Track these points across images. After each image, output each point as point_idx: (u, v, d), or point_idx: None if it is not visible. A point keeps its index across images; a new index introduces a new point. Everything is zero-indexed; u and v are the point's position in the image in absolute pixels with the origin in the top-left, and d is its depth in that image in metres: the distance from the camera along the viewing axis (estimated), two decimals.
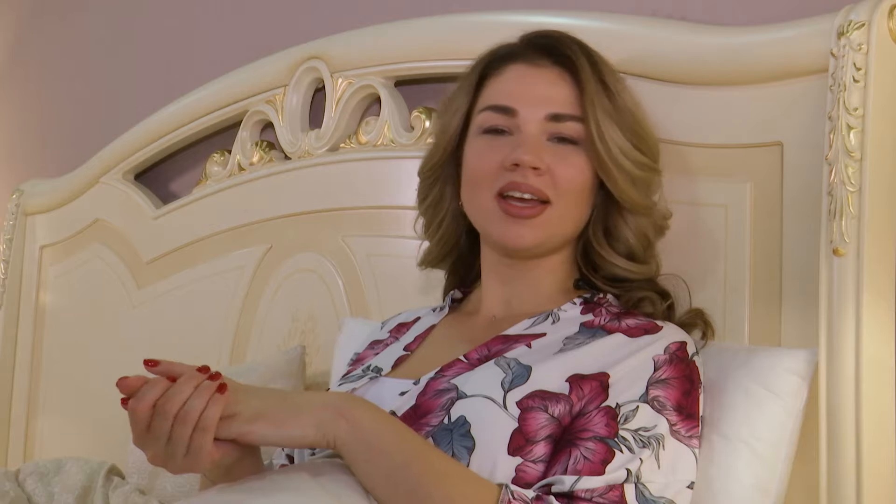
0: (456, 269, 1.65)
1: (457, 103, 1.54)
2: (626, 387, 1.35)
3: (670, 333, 1.43)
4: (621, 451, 1.31)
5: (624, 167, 1.47)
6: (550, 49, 1.51)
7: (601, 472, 1.29)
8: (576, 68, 1.48)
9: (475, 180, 1.49)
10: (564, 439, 1.32)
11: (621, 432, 1.32)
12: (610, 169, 1.47)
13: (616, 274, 1.50)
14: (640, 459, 1.31)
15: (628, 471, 1.30)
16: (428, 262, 1.65)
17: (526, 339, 1.44)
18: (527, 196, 1.45)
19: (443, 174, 1.57)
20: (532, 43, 1.53)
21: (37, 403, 2.77)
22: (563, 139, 1.48)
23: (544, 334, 1.44)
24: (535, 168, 1.45)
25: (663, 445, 1.34)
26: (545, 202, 1.46)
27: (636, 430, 1.33)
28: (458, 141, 1.54)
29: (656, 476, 1.33)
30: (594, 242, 1.51)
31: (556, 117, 1.47)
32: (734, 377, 1.46)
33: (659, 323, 1.45)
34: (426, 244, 1.64)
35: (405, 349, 1.54)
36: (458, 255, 1.63)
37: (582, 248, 1.53)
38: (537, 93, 1.48)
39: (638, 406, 1.34)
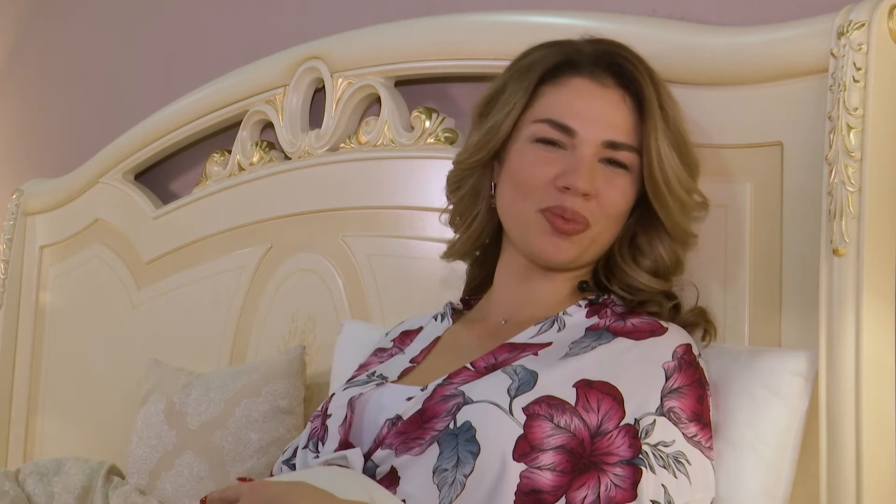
0: (480, 262, 1.64)
1: (509, 104, 1.50)
2: (641, 400, 1.36)
3: (676, 336, 1.44)
4: (647, 468, 1.33)
5: (679, 196, 1.48)
6: (617, 69, 1.49)
7: (635, 497, 1.31)
8: (643, 95, 1.47)
9: (522, 190, 1.48)
10: (588, 460, 1.32)
11: (643, 447, 1.34)
12: (666, 199, 1.47)
13: (634, 286, 1.50)
14: (663, 485, 1.32)
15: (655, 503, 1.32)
16: (456, 254, 1.64)
17: (532, 348, 1.44)
18: (569, 218, 1.45)
19: (481, 169, 1.55)
20: (598, 58, 1.50)
21: (37, 403, 2.77)
22: (614, 162, 1.47)
23: (550, 343, 1.44)
24: (585, 194, 1.44)
25: (689, 460, 1.35)
26: (588, 224, 1.46)
27: (655, 446, 1.34)
28: (505, 141, 1.52)
29: (693, 495, 1.36)
30: (618, 257, 1.51)
31: (613, 145, 1.47)
32: (738, 380, 1.46)
33: (664, 324, 1.45)
34: (450, 236, 1.63)
35: (411, 362, 1.54)
36: (484, 249, 1.62)
37: (604, 259, 1.53)
38: (599, 116, 1.47)
39: (655, 420, 1.35)
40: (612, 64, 1.49)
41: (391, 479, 1.35)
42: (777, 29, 1.57)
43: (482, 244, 1.61)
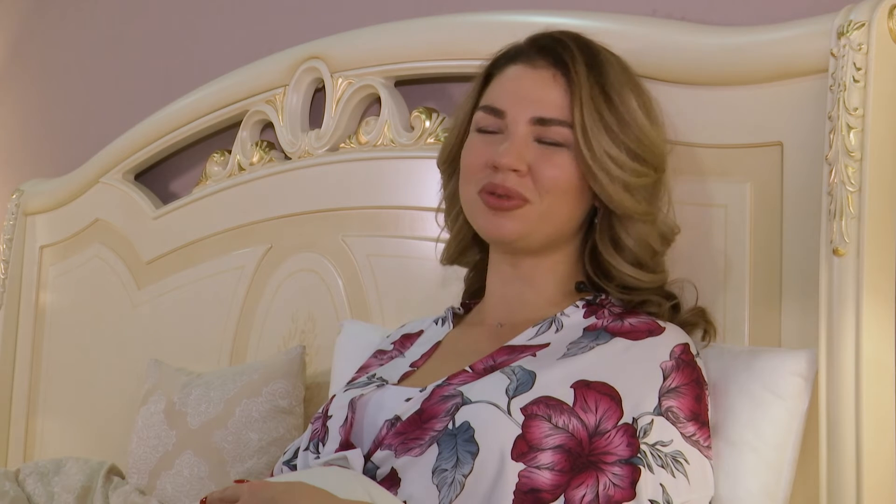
0: (479, 267, 1.64)
1: (465, 100, 1.57)
2: (638, 399, 1.36)
3: (673, 335, 1.44)
4: (645, 467, 1.33)
5: (612, 173, 1.45)
6: (550, 50, 1.50)
7: (633, 496, 1.31)
8: (568, 71, 1.48)
9: (464, 176, 1.52)
10: (587, 459, 1.33)
11: (642, 447, 1.34)
12: (595, 174, 1.46)
13: (627, 283, 1.50)
14: (661, 485, 1.32)
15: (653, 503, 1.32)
16: (447, 256, 1.65)
17: (531, 349, 1.44)
18: (503, 196, 1.46)
19: (454, 169, 1.58)
20: (535, 43, 1.53)
21: (37, 403, 2.77)
22: (549, 140, 1.48)
23: (548, 344, 1.44)
24: (515, 170, 1.45)
25: (687, 460, 1.36)
26: (525, 200, 1.46)
27: (653, 445, 1.34)
28: (463, 139, 1.55)
29: (691, 494, 1.36)
30: (602, 250, 1.50)
31: (541, 121, 1.47)
32: (737, 380, 1.46)
33: (661, 323, 1.45)
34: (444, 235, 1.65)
35: (411, 366, 1.54)
36: (479, 252, 1.62)
37: (589, 253, 1.53)
38: (527, 95, 1.48)
39: (653, 420, 1.36)
40: (544, 46, 1.51)
41: (392, 481, 1.35)
42: (777, 29, 1.57)
43: (470, 244, 1.62)
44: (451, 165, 1.59)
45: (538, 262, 1.52)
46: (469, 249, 1.63)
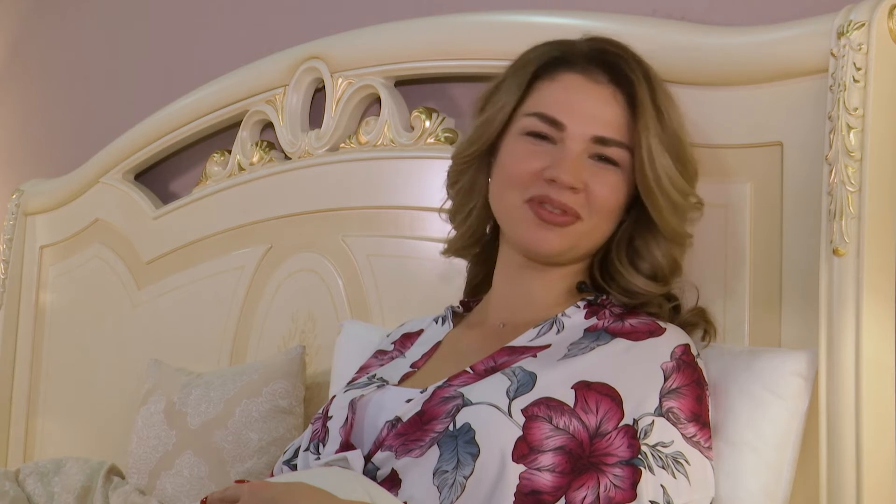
0: (480, 260, 1.64)
1: (504, 98, 1.51)
2: (639, 400, 1.36)
3: (674, 336, 1.44)
4: (646, 468, 1.33)
5: (670, 196, 1.46)
6: (610, 66, 1.48)
7: (634, 497, 1.31)
8: (634, 93, 1.46)
9: (508, 181, 1.48)
10: (587, 461, 1.33)
11: (642, 448, 1.34)
12: (657, 197, 1.46)
13: (632, 290, 1.49)
14: (662, 486, 1.32)
15: None
16: (454, 250, 1.64)
17: (532, 350, 1.44)
18: (557, 211, 1.45)
19: (478, 164, 1.55)
20: (592, 55, 1.50)
21: (37, 403, 2.77)
22: (603, 158, 1.47)
23: (549, 345, 1.44)
24: (572, 188, 1.44)
25: (688, 461, 1.36)
26: (577, 217, 1.46)
27: (654, 446, 1.34)
28: (499, 135, 1.52)
29: (692, 495, 1.36)
30: (616, 260, 1.50)
31: (601, 140, 1.46)
32: (737, 380, 1.46)
33: (662, 324, 1.45)
34: (452, 232, 1.63)
35: (412, 366, 1.54)
36: (484, 246, 1.61)
37: (600, 261, 1.53)
38: (588, 111, 1.47)
39: (654, 420, 1.35)
40: (606, 61, 1.49)
41: (392, 482, 1.35)
42: (777, 29, 1.58)
43: (479, 240, 1.61)
44: (477, 160, 1.55)
45: (554, 269, 1.52)
46: (476, 244, 1.62)
